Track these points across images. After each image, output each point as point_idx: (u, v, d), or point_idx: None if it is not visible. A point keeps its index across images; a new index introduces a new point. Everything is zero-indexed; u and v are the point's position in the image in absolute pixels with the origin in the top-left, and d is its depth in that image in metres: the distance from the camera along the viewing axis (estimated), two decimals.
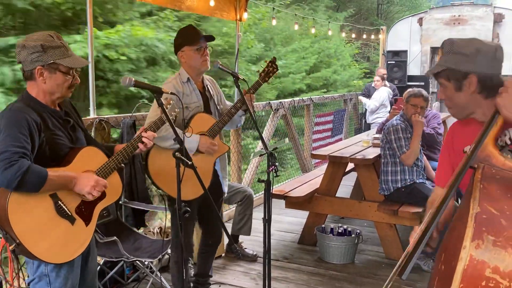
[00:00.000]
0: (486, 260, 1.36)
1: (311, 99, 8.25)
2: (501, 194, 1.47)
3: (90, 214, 2.24)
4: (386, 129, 4.42)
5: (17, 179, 1.93)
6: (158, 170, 3.01)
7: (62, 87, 2.16)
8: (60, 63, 2.12)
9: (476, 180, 1.52)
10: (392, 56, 9.88)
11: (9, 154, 1.94)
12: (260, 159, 6.33)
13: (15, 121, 2.03)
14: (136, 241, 3.68)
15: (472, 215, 1.41)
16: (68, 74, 2.16)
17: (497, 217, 1.41)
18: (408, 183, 4.32)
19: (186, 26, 3.23)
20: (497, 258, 1.36)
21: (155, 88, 2.39)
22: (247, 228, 4.39)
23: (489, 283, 1.35)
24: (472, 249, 1.36)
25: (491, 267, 1.35)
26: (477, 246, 1.37)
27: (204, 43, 3.12)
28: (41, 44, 2.09)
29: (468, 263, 1.36)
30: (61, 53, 2.13)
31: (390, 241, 4.51)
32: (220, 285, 3.93)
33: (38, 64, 2.10)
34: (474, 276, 1.35)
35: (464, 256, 1.36)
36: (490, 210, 1.42)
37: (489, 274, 1.35)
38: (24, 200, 2.01)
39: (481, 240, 1.37)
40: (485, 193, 1.46)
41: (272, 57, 3.33)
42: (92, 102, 3.82)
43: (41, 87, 2.15)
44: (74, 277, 2.24)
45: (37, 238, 2.05)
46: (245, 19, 5.53)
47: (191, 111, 3.11)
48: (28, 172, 1.95)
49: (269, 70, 3.24)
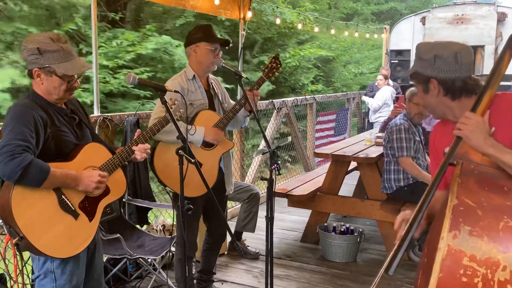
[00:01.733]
0: (463, 250, 1.41)
1: (314, 98, 8.25)
2: (479, 188, 1.54)
3: (94, 209, 2.25)
4: (389, 128, 4.42)
5: (18, 172, 1.93)
6: (163, 166, 3.02)
7: (58, 90, 2.16)
8: (55, 69, 2.11)
9: (455, 175, 1.59)
10: (395, 55, 9.89)
11: (13, 147, 1.95)
12: (263, 157, 6.33)
13: (21, 116, 2.04)
14: (139, 238, 3.69)
15: (450, 207, 1.48)
16: (64, 79, 2.15)
17: (474, 208, 1.47)
18: (411, 181, 4.32)
19: (207, 24, 3.24)
20: (473, 247, 1.41)
21: (159, 86, 2.40)
22: (251, 225, 4.39)
23: (467, 271, 1.40)
24: (449, 239, 1.43)
25: (468, 256, 1.41)
26: (454, 236, 1.43)
27: (219, 46, 3.16)
28: (37, 47, 2.08)
29: (446, 253, 1.42)
30: (58, 57, 2.11)
31: (392, 240, 4.49)
32: (223, 283, 3.94)
33: (35, 66, 2.12)
34: (453, 265, 1.41)
35: (442, 247, 1.42)
36: (467, 202, 1.49)
37: (466, 262, 1.40)
38: (28, 193, 2.02)
39: (458, 231, 1.43)
40: (463, 187, 1.53)
41: (275, 53, 3.35)
42: (96, 100, 3.83)
43: (40, 86, 2.17)
44: (79, 274, 2.25)
45: (41, 232, 2.06)
46: (249, 18, 5.53)
47: (195, 108, 3.12)
48: (31, 166, 1.96)
49: (272, 66, 3.25)
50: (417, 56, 1.93)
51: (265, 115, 7.07)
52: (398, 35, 10.41)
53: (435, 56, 1.85)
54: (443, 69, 1.84)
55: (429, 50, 1.88)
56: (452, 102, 1.88)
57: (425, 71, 1.88)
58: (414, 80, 1.97)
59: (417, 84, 1.96)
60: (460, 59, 1.83)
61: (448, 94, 1.87)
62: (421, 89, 1.94)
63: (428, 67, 1.87)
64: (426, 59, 1.87)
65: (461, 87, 1.85)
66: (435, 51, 1.86)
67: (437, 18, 9.90)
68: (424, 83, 1.91)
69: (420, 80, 1.92)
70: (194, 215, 3.22)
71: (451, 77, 1.84)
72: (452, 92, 1.87)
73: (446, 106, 1.90)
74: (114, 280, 3.75)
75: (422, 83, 1.92)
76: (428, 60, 1.86)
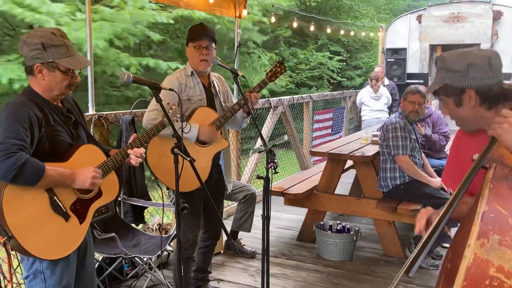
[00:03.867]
0: (491, 259, 1.35)
1: (310, 96, 8.25)
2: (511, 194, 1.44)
3: (85, 212, 2.22)
4: (385, 126, 4.43)
5: (13, 171, 1.91)
6: (156, 161, 3.02)
7: (60, 85, 2.15)
8: (59, 63, 2.10)
9: (487, 179, 1.50)
10: (391, 54, 9.89)
11: (8, 146, 1.93)
12: (259, 156, 6.33)
13: (16, 114, 2.02)
14: (134, 237, 3.68)
15: (479, 213, 1.40)
16: (67, 74, 2.14)
17: (505, 216, 1.39)
18: (407, 180, 4.32)
19: (198, 23, 3.24)
20: (502, 258, 1.34)
21: (154, 84, 2.39)
22: (247, 224, 4.39)
23: (493, 282, 1.34)
24: (476, 248, 1.35)
25: (496, 266, 1.34)
26: (482, 244, 1.36)
27: (204, 42, 3.12)
28: (41, 42, 2.07)
29: (472, 261, 1.35)
30: (62, 52, 2.10)
31: (388, 238, 4.52)
32: (219, 282, 3.93)
33: (37, 61, 2.09)
34: (478, 274, 1.34)
35: (468, 255, 1.35)
36: (498, 209, 1.41)
37: (493, 273, 1.34)
38: (20, 192, 2.00)
39: (486, 239, 1.36)
40: (494, 193, 1.44)
41: (281, 58, 3.33)
42: (91, 98, 3.81)
43: (40, 83, 2.14)
44: (69, 274, 2.22)
45: (30, 233, 2.03)
46: (244, 16, 5.51)
47: (193, 103, 3.12)
48: (26, 164, 1.93)
49: (276, 71, 3.24)
50: (444, 68, 1.80)
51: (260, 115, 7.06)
52: (394, 34, 10.42)
53: (469, 64, 1.74)
54: (479, 77, 1.74)
55: (460, 59, 1.77)
56: (488, 112, 1.78)
57: (458, 83, 1.76)
58: (442, 94, 1.84)
59: (447, 98, 1.83)
60: (494, 63, 1.74)
61: (484, 103, 1.77)
62: (452, 102, 1.81)
63: (461, 78, 1.75)
64: (459, 69, 1.76)
65: (498, 93, 1.75)
66: (468, 59, 1.75)
67: (433, 17, 9.91)
68: (456, 96, 1.79)
69: (451, 93, 1.80)
70: (195, 214, 3.22)
71: (488, 84, 1.74)
72: (489, 101, 1.77)
73: (482, 117, 1.79)
74: (110, 279, 3.74)
75: (454, 96, 1.80)
76: (461, 71, 1.75)
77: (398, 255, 4.46)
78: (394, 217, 4.39)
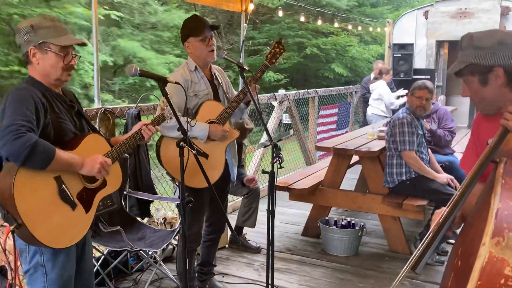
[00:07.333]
0: (506, 258, 1.32)
1: (316, 91, 8.22)
2: None
3: (91, 201, 2.22)
4: (392, 121, 4.41)
5: (26, 150, 1.89)
6: (169, 158, 3.01)
7: (56, 68, 2.14)
8: (50, 42, 2.11)
9: (498, 174, 1.46)
10: (398, 49, 9.84)
11: (17, 127, 1.92)
12: (265, 151, 6.32)
13: (21, 99, 2.02)
14: (140, 231, 3.68)
15: (492, 210, 1.37)
16: (60, 54, 2.14)
17: None
18: (413, 175, 4.30)
19: (191, 16, 3.22)
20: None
21: (160, 77, 2.39)
22: (252, 220, 4.39)
23: (508, 281, 1.32)
24: (492, 246, 1.33)
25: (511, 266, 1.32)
26: (497, 243, 1.33)
27: (209, 33, 3.12)
28: (31, 24, 2.11)
29: (487, 260, 1.33)
30: (52, 32, 2.12)
31: (394, 234, 4.51)
32: (224, 276, 3.94)
33: (30, 45, 2.11)
34: (493, 273, 1.32)
35: (483, 253, 1.33)
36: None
37: (508, 272, 1.32)
38: (31, 179, 1.99)
39: (502, 237, 1.34)
40: (507, 189, 1.41)
41: (278, 38, 3.31)
42: (97, 92, 3.81)
43: (36, 68, 2.15)
44: (70, 267, 2.22)
45: (39, 220, 2.01)
46: (250, 10, 5.49)
47: (200, 98, 3.11)
48: (37, 144, 1.92)
49: (275, 52, 3.21)
50: (471, 46, 1.75)
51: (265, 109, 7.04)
52: (401, 29, 10.36)
53: (499, 42, 1.69)
54: (509, 56, 1.69)
55: (489, 36, 1.73)
56: (510, 93, 1.74)
57: (486, 61, 1.71)
58: (468, 73, 1.78)
59: (473, 76, 1.77)
60: None
61: (510, 83, 1.73)
62: (477, 81, 1.76)
63: (490, 56, 1.70)
64: (488, 46, 1.70)
65: None
66: (498, 37, 1.71)
67: (440, 12, 9.83)
68: (483, 74, 1.74)
69: (478, 71, 1.75)
70: (201, 208, 3.22)
71: None
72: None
73: (505, 98, 1.75)
74: (115, 272, 3.75)
75: (480, 74, 1.75)
76: (490, 48, 1.70)
77: (403, 251, 4.45)
78: (400, 213, 4.38)
